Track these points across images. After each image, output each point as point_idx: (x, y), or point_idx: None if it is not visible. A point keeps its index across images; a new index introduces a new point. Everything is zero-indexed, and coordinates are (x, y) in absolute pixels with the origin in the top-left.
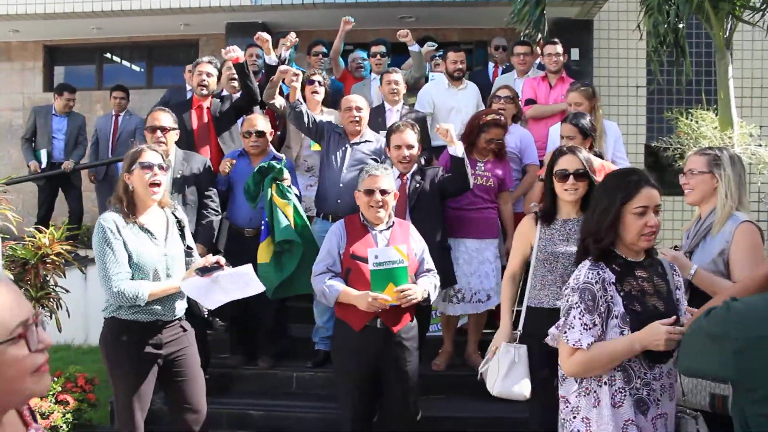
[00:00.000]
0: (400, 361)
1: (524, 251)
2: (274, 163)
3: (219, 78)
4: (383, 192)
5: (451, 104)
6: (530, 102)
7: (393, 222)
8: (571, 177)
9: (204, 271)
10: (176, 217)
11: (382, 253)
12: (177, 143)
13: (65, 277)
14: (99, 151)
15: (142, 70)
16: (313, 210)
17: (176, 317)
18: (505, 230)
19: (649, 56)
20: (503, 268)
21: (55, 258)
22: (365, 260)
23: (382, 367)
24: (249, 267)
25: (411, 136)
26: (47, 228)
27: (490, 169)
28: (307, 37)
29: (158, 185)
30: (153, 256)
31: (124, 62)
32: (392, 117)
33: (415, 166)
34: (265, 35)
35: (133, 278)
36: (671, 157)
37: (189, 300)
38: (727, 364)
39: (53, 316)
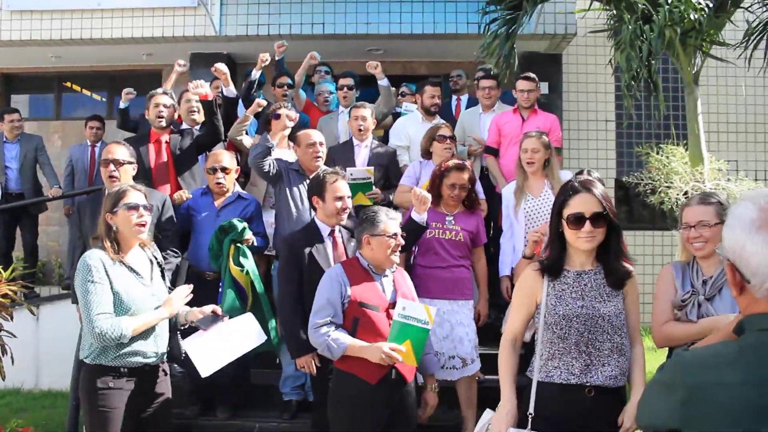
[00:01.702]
0: (409, 410)
1: (528, 309)
2: (236, 222)
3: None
4: (396, 235)
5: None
6: (490, 151)
7: (395, 267)
8: (588, 223)
9: (205, 323)
10: (156, 258)
11: (412, 308)
12: (134, 179)
13: (11, 320)
14: (76, 182)
15: (103, 99)
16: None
17: (161, 360)
18: (479, 287)
19: (623, 92)
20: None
21: (1, 299)
22: (377, 308)
23: (392, 418)
24: (250, 315)
25: (347, 187)
26: (8, 264)
27: (459, 221)
28: (273, 69)
29: (144, 225)
30: (143, 297)
31: (84, 91)
32: (361, 152)
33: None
34: (223, 67)
35: None
36: (642, 193)
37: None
38: (674, 413)
39: None
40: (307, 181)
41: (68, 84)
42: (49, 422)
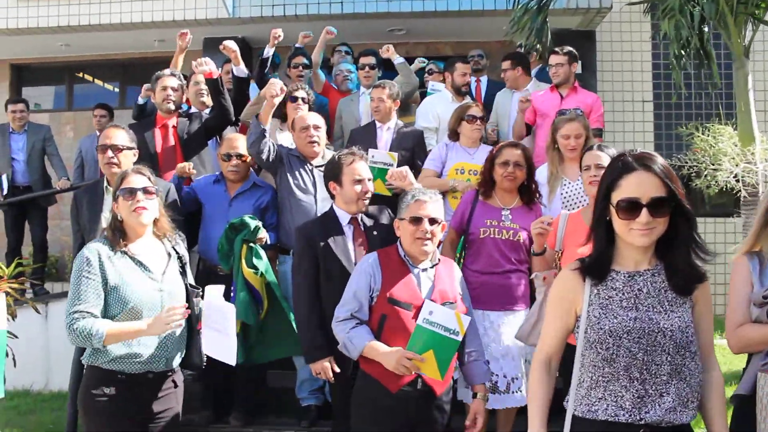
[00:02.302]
0: (436, 425)
1: (565, 323)
2: (247, 219)
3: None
4: (432, 221)
5: None
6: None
7: (438, 260)
8: (645, 211)
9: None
10: (177, 252)
11: (440, 313)
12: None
13: (14, 319)
14: (85, 174)
15: (116, 89)
16: None
17: (170, 368)
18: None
19: (671, 64)
20: None
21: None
22: (408, 307)
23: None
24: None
25: (367, 168)
26: (19, 257)
27: (518, 218)
28: (288, 52)
29: (142, 209)
30: (145, 291)
31: (96, 81)
32: (383, 135)
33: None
34: (232, 44)
35: (115, 317)
36: (686, 176)
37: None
38: None
39: None
40: (309, 166)
41: (80, 74)
42: (57, 425)
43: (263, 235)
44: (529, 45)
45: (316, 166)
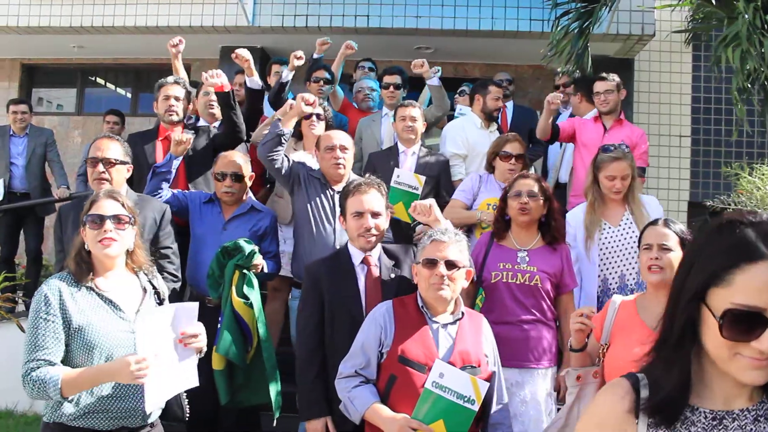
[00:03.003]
0: None
1: None
2: (242, 243)
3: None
4: (450, 264)
5: (483, 149)
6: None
7: (462, 313)
8: None
9: None
10: (153, 286)
11: (453, 377)
12: (129, 182)
13: None
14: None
15: (128, 95)
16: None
17: (147, 422)
18: (566, 352)
19: (733, 97)
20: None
21: None
22: (422, 368)
23: None
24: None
25: (377, 200)
26: (12, 268)
27: (536, 260)
28: (306, 67)
29: (108, 240)
30: (113, 333)
31: (108, 85)
32: (407, 160)
33: (379, 245)
34: (245, 53)
35: (76, 365)
36: None
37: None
38: None
39: None
40: (330, 192)
41: (92, 78)
42: None
43: (259, 261)
44: (567, 71)
45: (338, 192)
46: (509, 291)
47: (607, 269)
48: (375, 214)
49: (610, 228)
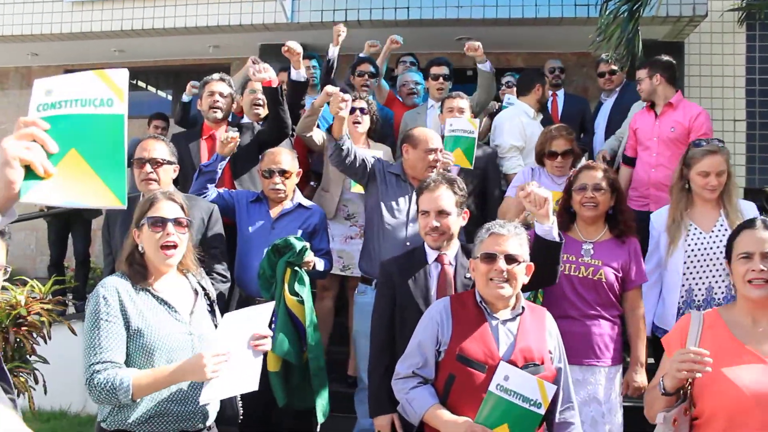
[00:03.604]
0: None
1: None
2: (293, 240)
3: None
4: (511, 259)
5: (536, 139)
6: (627, 161)
7: (523, 308)
8: None
9: None
10: (203, 288)
11: (518, 380)
12: (176, 182)
13: (47, 342)
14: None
15: (168, 97)
16: (354, 268)
17: (205, 425)
18: (633, 351)
19: None
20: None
21: (34, 319)
22: (482, 367)
23: None
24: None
25: (447, 198)
26: (62, 271)
27: (601, 253)
28: (349, 61)
29: (174, 247)
30: (173, 335)
31: (149, 88)
32: (445, 130)
33: (457, 243)
34: (296, 45)
35: (136, 368)
36: None
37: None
38: None
39: (24, 394)
40: (409, 188)
41: (133, 81)
42: None
43: (310, 258)
44: (617, 56)
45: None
46: (570, 284)
47: (693, 279)
48: (442, 213)
49: (700, 233)
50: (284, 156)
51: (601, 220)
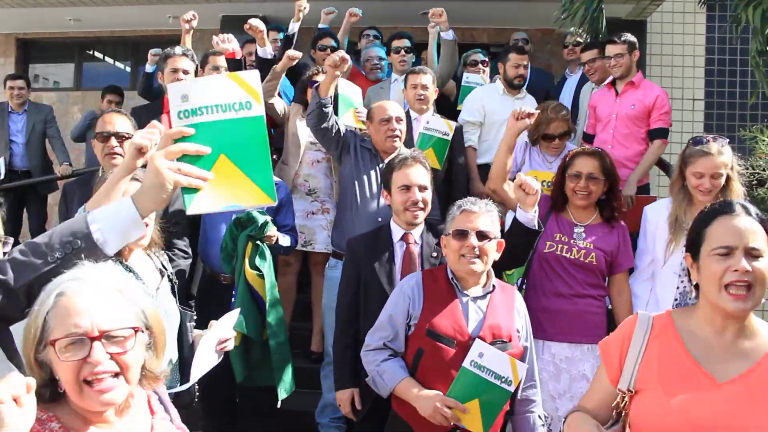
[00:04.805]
0: None
1: None
2: (255, 214)
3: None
4: (482, 236)
5: (504, 115)
6: (586, 138)
7: (493, 286)
8: None
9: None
10: (164, 269)
11: (492, 357)
12: None
13: None
14: (87, 161)
15: (127, 68)
16: (315, 244)
17: None
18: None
19: (752, 62)
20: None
21: None
22: (451, 342)
23: None
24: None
25: (423, 174)
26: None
27: (593, 237)
28: (309, 34)
29: (145, 225)
30: None
31: (107, 59)
32: (419, 128)
33: (422, 223)
34: (259, 23)
35: None
36: (746, 184)
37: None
38: None
39: None
40: (381, 165)
41: (90, 52)
42: None
43: (273, 232)
44: (581, 33)
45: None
46: (560, 264)
47: (689, 281)
48: (422, 188)
49: None
50: None
51: (593, 205)
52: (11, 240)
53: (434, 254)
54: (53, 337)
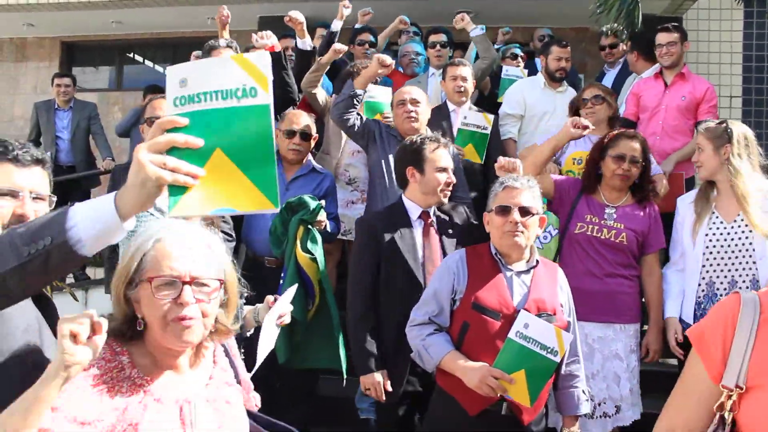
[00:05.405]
0: None
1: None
2: (307, 198)
3: None
4: (525, 211)
5: (545, 108)
6: (628, 124)
7: (537, 261)
8: None
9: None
10: None
11: (538, 328)
12: None
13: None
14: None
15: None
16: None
17: None
18: (649, 311)
19: None
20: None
21: None
22: (496, 315)
23: None
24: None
25: (450, 158)
26: None
27: (624, 217)
28: (347, 33)
29: None
30: None
31: (147, 61)
32: (458, 120)
33: (436, 206)
34: (299, 15)
35: None
36: None
37: None
38: None
39: None
40: None
41: (130, 54)
42: None
43: (323, 218)
44: (617, 28)
45: None
46: (591, 245)
47: (714, 272)
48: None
49: (721, 222)
50: (305, 118)
51: (626, 187)
52: (55, 198)
53: (450, 230)
54: (150, 275)
